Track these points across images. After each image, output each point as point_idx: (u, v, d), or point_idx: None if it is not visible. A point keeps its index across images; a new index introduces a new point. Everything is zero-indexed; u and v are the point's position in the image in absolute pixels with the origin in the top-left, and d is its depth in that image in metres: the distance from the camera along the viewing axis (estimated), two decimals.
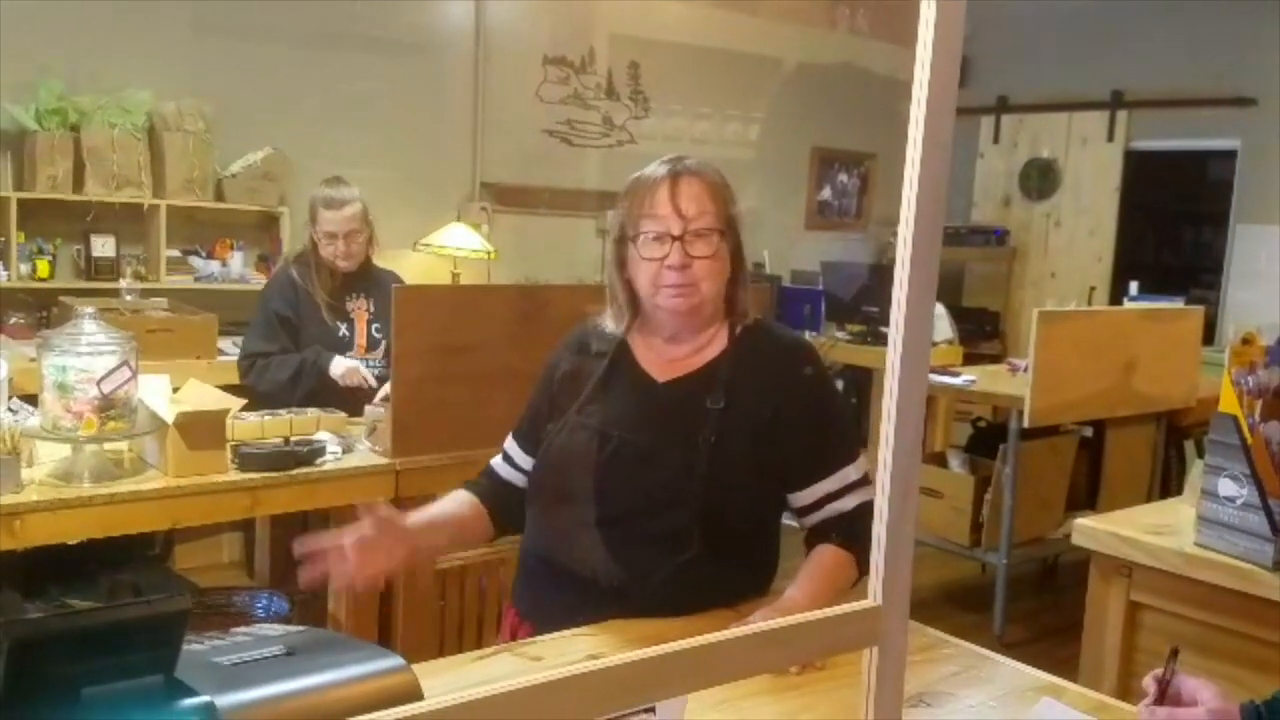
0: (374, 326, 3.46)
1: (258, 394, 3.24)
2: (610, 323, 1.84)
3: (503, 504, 1.91)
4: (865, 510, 1.72)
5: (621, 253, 1.77)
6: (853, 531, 1.72)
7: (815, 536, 1.78)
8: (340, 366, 3.29)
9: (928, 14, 0.74)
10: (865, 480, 1.78)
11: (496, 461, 1.96)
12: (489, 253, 5.56)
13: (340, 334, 3.43)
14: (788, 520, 1.82)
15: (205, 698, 0.92)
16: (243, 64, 4.97)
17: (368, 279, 3.48)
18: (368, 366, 3.39)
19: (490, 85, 5.87)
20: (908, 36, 0.75)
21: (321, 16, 5.19)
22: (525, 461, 1.90)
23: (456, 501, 1.89)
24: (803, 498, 1.78)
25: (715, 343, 1.80)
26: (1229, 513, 2.00)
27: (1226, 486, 1.99)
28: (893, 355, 0.78)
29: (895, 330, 0.78)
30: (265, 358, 3.31)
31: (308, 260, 3.42)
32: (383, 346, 3.41)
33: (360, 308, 3.46)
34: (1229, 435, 1.97)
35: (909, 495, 0.79)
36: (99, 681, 0.88)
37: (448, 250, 5.48)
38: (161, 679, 0.92)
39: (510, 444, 1.94)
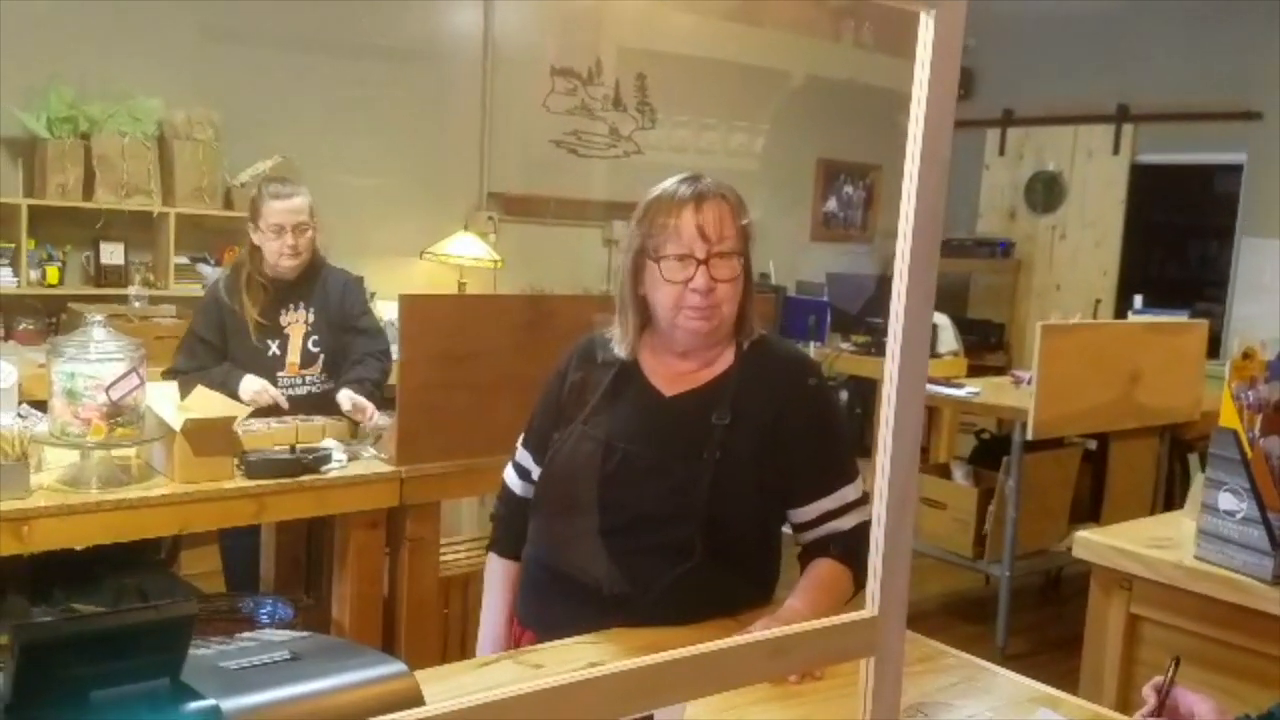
0: (311, 340, 3.16)
1: None
2: (616, 344, 1.82)
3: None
4: (863, 529, 1.73)
5: (638, 269, 1.76)
6: (850, 548, 1.73)
7: (812, 551, 1.79)
8: (248, 391, 3.01)
9: (926, 28, 0.75)
10: (864, 499, 1.79)
11: (513, 481, 1.95)
12: (495, 262, 5.59)
13: (270, 353, 3.13)
14: (785, 530, 1.83)
15: (211, 701, 0.93)
16: (252, 72, 5.01)
17: (311, 285, 3.19)
18: (305, 384, 3.16)
19: (498, 95, 5.90)
20: (912, 50, 0.76)
21: (331, 25, 5.23)
22: (538, 472, 1.90)
23: (510, 582, 1.93)
24: (802, 515, 1.79)
25: (723, 358, 1.80)
26: (1229, 527, 2.00)
27: (1226, 500, 2.00)
28: (891, 366, 0.79)
29: (894, 341, 0.79)
30: (185, 374, 3.07)
31: (240, 274, 3.17)
32: (321, 360, 3.17)
33: (297, 320, 3.17)
34: (1229, 449, 1.98)
35: (906, 505, 0.80)
36: (107, 685, 0.89)
37: (454, 259, 5.50)
38: (168, 683, 0.93)
39: (522, 455, 1.93)
